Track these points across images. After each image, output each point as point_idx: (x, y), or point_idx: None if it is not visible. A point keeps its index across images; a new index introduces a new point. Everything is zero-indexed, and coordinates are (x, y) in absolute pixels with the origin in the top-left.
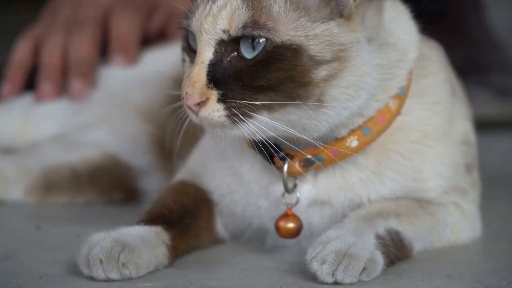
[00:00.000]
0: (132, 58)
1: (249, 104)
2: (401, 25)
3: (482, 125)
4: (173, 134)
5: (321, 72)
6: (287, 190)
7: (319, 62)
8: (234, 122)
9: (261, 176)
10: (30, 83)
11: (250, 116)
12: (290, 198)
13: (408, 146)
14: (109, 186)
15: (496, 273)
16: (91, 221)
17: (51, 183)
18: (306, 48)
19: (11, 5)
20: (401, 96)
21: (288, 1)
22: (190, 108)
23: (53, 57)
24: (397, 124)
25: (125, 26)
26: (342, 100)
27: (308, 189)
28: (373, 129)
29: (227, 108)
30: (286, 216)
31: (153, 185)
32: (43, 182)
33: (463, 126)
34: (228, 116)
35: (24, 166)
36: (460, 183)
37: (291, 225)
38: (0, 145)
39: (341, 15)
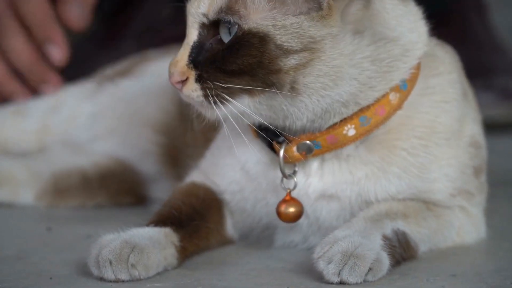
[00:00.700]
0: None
1: (224, 86)
2: (408, 23)
3: (486, 127)
4: (182, 143)
5: (290, 61)
6: (284, 175)
7: (287, 51)
8: (211, 103)
9: (267, 170)
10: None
11: (226, 98)
12: (289, 184)
13: (413, 141)
14: (119, 191)
15: (500, 273)
16: (101, 223)
17: (62, 187)
18: (272, 37)
19: None
20: (403, 91)
21: None
22: (174, 86)
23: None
24: (400, 120)
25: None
26: (317, 88)
27: (315, 182)
28: (371, 119)
29: (203, 88)
30: (286, 201)
31: (161, 192)
32: (54, 186)
33: (473, 129)
34: (205, 96)
35: (35, 170)
36: (467, 186)
37: (291, 209)
38: (14, 149)
39: (319, 9)
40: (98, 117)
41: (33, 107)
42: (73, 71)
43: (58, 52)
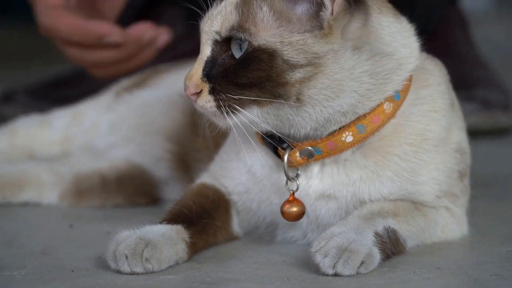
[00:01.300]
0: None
1: (235, 98)
2: (402, 39)
3: (468, 134)
4: (192, 149)
5: (296, 75)
6: (288, 178)
7: (293, 66)
8: (223, 113)
9: (272, 173)
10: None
11: (237, 109)
12: (292, 185)
13: (405, 148)
14: (135, 192)
15: (481, 266)
16: (119, 221)
17: (83, 189)
18: (280, 52)
19: None
20: (397, 101)
21: (272, 12)
22: (189, 97)
23: None
24: (394, 128)
25: None
26: (320, 99)
27: (315, 184)
28: (367, 127)
29: (216, 100)
30: (289, 201)
31: (173, 193)
32: (76, 188)
33: (459, 136)
34: (218, 107)
35: (59, 174)
36: (452, 189)
37: (294, 209)
38: (40, 156)
39: (321, 28)
40: (116, 127)
41: (57, 119)
42: (93, 84)
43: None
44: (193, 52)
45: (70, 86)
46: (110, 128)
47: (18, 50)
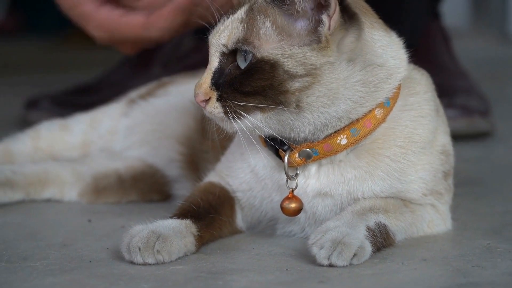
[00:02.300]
0: None
1: (241, 104)
2: (392, 52)
3: (451, 138)
4: (201, 151)
5: (296, 84)
6: (288, 176)
7: (293, 76)
8: (230, 118)
9: (273, 173)
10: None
11: (242, 115)
12: (292, 184)
13: (394, 150)
14: (149, 190)
15: (464, 257)
16: (133, 216)
17: (101, 187)
18: (281, 63)
19: (69, 42)
20: (387, 107)
21: (274, 27)
22: (199, 104)
23: None
24: (384, 132)
25: None
26: (318, 106)
27: (313, 182)
28: (360, 131)
29: (223, 106)
30: (288, 198)
31: (184, 190)
32: (94, 186)
33: (443, 139)
34: (225, 113)
35: (79, 173)
36: (438, 187)
37: (293, 205)
38: (60, 158)
39: (319, 42)
40: (133, 131)
41: (76, 124)
42: (110, 91)
43: None
44: (202, 63)
45: (90, 94)
46: (126, 132)
47: (43, 61)
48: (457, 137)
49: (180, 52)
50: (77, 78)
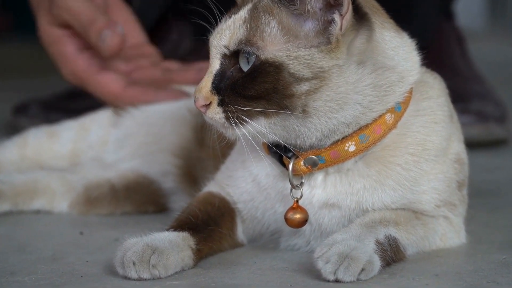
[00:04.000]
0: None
1: (243, 109)
2: (404, 53)
3: (465, 145)
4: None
5: (302, 87)
6: (293, 185)
7: (299, 79)
8: (232, 124)
9: (276, 182)
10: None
11: (245, 120)
12: (297, 194)
13: (406, 158)
14: (144, 201)
15: (478, 273)
16: (127, 228)
17: (93, 198)
18: (286, 66)
19: None
20: (398, 113)
21: (280, 28)
22: (199, 109)
23: None
24: (395, 138)
25: None
26: (325, 111)
27: (319, 192)
28: (369, 137)
29: (224, 111)
30: (293, 208)
31: (180, 203)
32: (86, 197)
33: (458, 147)
34: (227, 118)
35: (69, 182)
36: (451, 198)
37: (297, 216)
38: (49, 167)
39: (329, 43)
40: (123, 143)
41: (64, 132)
42: None
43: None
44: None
45: (82, 98)
46: (117, 145)
47: (32, 64)
48: (471, 145)
49: (178, 54)
50: (68, 82)
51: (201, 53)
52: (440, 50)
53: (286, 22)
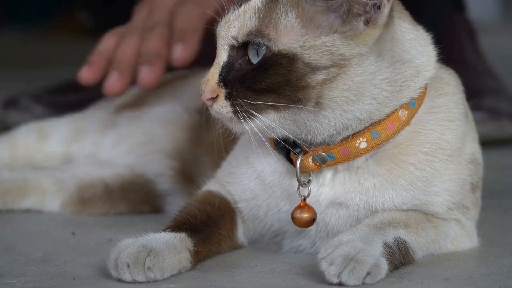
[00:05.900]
0: (189, 45)
1: (252, 103)
2: (420, 47)
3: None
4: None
5: (318, 77)
6: (300, 183)
7: (316, 68)
8: (240, 118)
9: (283, 179)
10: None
11: (253, 114)
12: (304, 191)
13: (420, 156)
14: (139, 201)
15: (490, 277)
16: (122, 229)
17: (86, 198)
18: (300, 56)
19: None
20: (412, 109)
21: (299, 20)
22: (205, 102)
23: (125, 53)
24: (408, 136)
25: (183, 20)
26: (341, 102)
27: (326, 191)
28: (381, 134)
29: (232, 105)
30: (300, 207)
31: (176, 204)
32: (78, 197)
33: (473, 147)
34: (234, 112)
35: (61, 181)
36: (464, 201)
37: (305, 215)
38: (41, 165)
39: (356, 29)
40: (119, 143)
41: (55, 133)
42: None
43: (182, 51)
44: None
45: (75, 92)
46: (112, 144)
47: (23, 55)
48: (484, 143)
49: None
50: (60, 74)
51: (207, 44)
52: (451, 44)
53: (311, 14)
